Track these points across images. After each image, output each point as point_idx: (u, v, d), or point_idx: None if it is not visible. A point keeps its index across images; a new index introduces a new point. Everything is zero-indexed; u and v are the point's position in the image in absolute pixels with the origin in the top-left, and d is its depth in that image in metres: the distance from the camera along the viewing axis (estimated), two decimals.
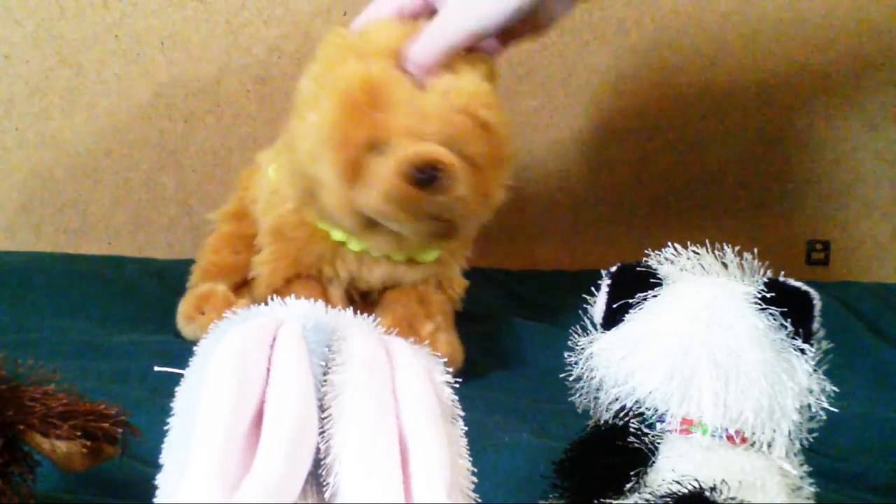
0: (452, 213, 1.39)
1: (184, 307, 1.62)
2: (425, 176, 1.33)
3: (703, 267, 1.00)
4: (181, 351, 0.79)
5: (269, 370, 0.74)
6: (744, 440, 0.92)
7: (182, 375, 0.78)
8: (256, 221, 1.65)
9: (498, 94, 1.42)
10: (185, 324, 1.61)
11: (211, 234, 1.71)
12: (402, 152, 1.34)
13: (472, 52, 1.41)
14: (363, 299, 1.60)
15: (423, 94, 1.38)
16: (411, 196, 1.35)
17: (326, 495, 0.71)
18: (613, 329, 0.97)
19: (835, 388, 0.93)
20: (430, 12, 1.40)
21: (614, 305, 0.97)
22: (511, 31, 1.42)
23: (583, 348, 0.99)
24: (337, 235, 1.52)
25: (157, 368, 0.83)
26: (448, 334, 1.57)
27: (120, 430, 0.93)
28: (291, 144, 1.45)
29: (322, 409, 0.74)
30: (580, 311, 1.01)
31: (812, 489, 0.92)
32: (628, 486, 0.87)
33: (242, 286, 1.66)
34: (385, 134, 1.36)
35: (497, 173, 1.45)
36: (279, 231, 1.57)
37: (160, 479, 0.73)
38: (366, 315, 0.85)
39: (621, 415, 0.95)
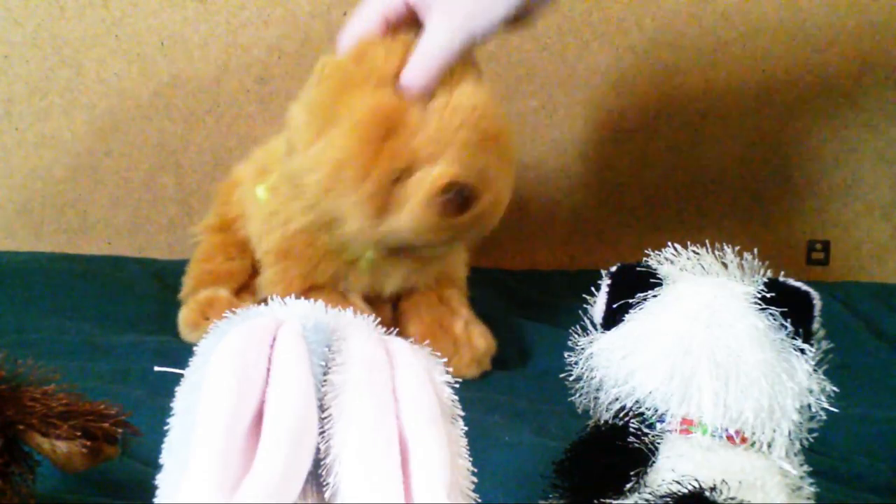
0: (479, 227, 1.41)
1: (187, 314, 1.61)
2: (452, 202, 1.36)
3: (703, 267, 1.00)
4: (181, 351, 0.79)
5: (269, 370, 0.74)
6: (744, 440, 0.92)
7: (182, 375, 0.78)
8: (239, 232, 1.67)
9: (493, 96, 1.43)
10: (189, 331, 1.60)
11: (196, 246, 1.71)
12: (428, 183, 1.36)
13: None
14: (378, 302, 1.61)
15: (428, 116, 1.38)
16: (442, 224, 1.38)
17: (326, 495, 0.71)
18: (613, 329, 0.97)
19: (835, 388, 0.93)
20: (412, 15, 1.40)
21: (614, 305, 0.97)
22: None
23: (583, 348, 0.99)
24: (349, 255, 1.52)
25: (157, 368, 0.83)
26: (479, 326, 1.60)
27: (120, 430, 0.93)
28: (295, 176, 1.45)
29: (322, 409, 0.74)
30: (580, 311, 1.01)
31: (812, 489, 0.92)
32: (628, 486, 0.88)
33: (241, 291, 1.66)
34: (405, 164, 1.37)
35: (505, 176, 1.46)
36: (287, 252, 1.57)
37: (160, 480, 0.73)
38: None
39: (621, 415, 0.95)
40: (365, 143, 1.37)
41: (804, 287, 0.95)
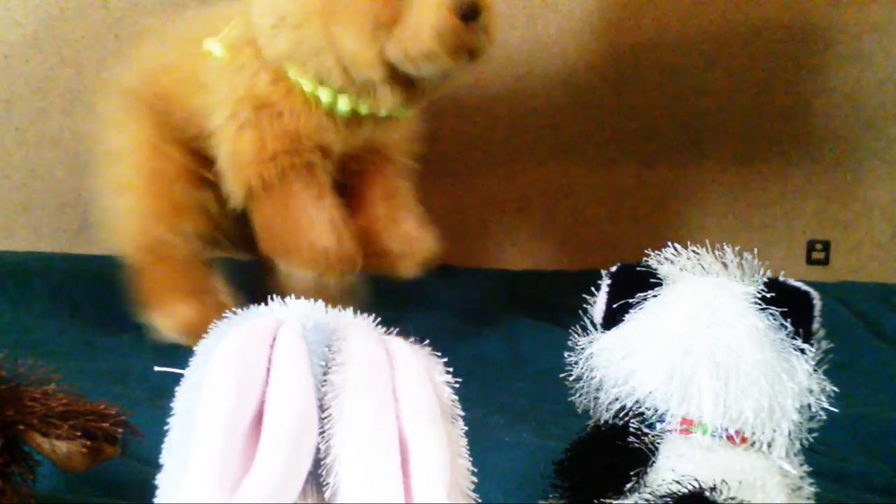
0: (483, 52, 1.45)
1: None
2: (468, 7, 1.39)
3: (703, 267, 1.00)
4: (181, 351, 0.79)
5: (269, 370, 0.74)
6: (744, 440, 0.92)
7: (182, 375, 0.78)
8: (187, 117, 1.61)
9: None
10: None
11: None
12: None
13: None
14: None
15: None
16: (459, 29, 1.40)
17: (326, 495, 0.71)
18: (613, 329, 0.97)
19: (835, 388, 0.93)
20: None
21: (614, 305, 0.97)
22: None
23: (583, 348, 0.99)
24: (325, 97, 1.50)
25: (157, 368, 0.83)
26: (428, 225, 1.61)
27: (120, 430, 0.93)
28: (274, 8, 1.46)
29: (322, 408, 0.74)
30: (580, 311, 1.01)
31: (812, 489, 0.92)
32: (628, 486, 0.88)
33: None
34: None
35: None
36: (262, 104, 1.54)
37: (160, 479, 0.73)
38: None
39: (621, 415, 0.95)
40: None
41: (804, 287, 0.95)
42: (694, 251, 1.01)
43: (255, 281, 1.61)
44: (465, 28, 1.40)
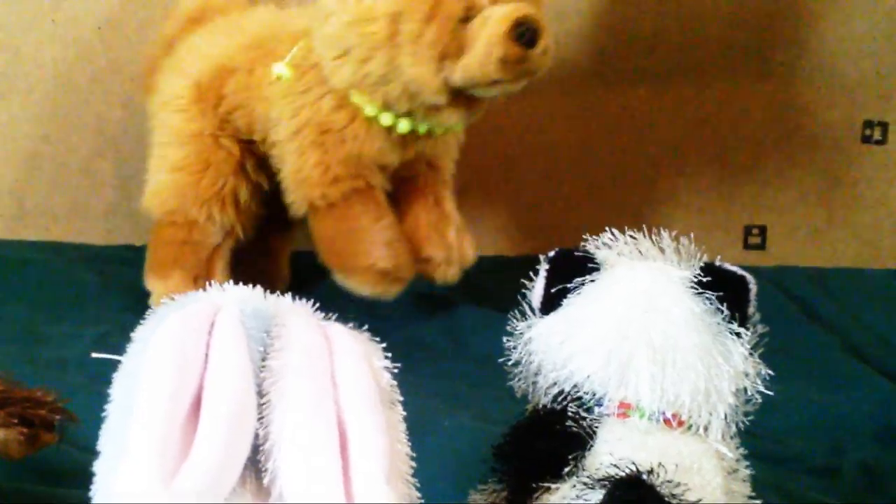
0: (545, 67, 1.52)
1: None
2: (530, 35, 1.46)
3: (640, 252, 1.00)
4: (120, 337, 0.79)
5: (207, 356, 0.74)
6: (681, 423, 0.92)
7: (120, 362, 0.77)
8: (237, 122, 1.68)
9: None
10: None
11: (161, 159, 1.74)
12: (503, 17, 1.46)
13: None
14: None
15: None
16: (520, 55, 1.47)
17: (265, 481, 0.71)
18: (552, 314, 0.98)
19: (770, 372, 0.94)
20: None
21: (552, 290, 0.98)
22: None
23: (521, 333, 0.99)
24: (386, 120, 1.54)
25: (94, 355, 0.83)
26: (467, 234, 1.72)
27: (57, 417, 0.92)
28: (339, 37, 1.51)
29: (261, 394, 0.74)
30: (519, 296, 1.01)
31: (748, 471, 0.93)
32: (566, 469, 0.88)
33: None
34: (475, 2, 1.47)
35: (549, 22, 1.54)
36: (326, 129, 1.59)
37: (98, 466, 0.73)
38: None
39: (559, 399, 0.95)
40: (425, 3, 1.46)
41: (740, 271, 0.96)
42: (631, 236, 1.01)
43: (260, 274, 1.62)
44: (528, 54, 1.47)
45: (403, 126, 1.55)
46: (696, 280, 0.94)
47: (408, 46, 1.47)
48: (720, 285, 0.94)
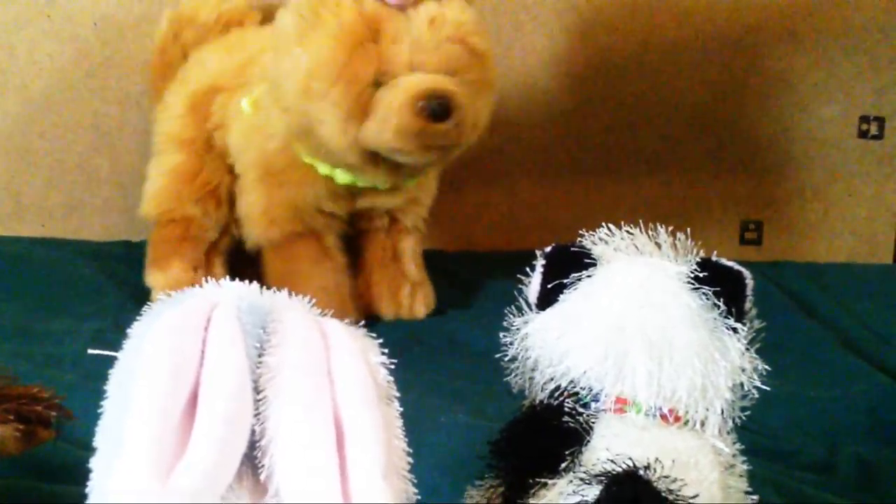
0: (458, 141, 1.44)
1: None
2: (435, 108, 1.41)
3: (636, 247, 1.00)
4: (116, 334, 0.79)
5: (203, 352, 0.74)
6: (677, 419, 0.92)
7: (116, 358, 0.77)
8: (216, 142, 1.70)
9: (481, 19, 1.50)
10: None
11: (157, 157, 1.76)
12: (409, 87, 1.42)
13: None
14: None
15: (413, 24, 1.42)
16: (423, 129, 1.42)
17: (262, 477, 0.71)
18: (548, 309, 0.98)
19: (767, 367, 0.94)
20: None
21: (549, 286, 0.98)
22: None
23: (518, 329, 0.99)
24: (323, 170, 1.54)
25: (90, 351, 0.83)
26: (424, 289, 1.71)
27: (53, 414, 0.92)
28: (276, 81, 1.49)
29: (257, 390, 0.74)
30: (516, 292, 1.01)
31: (745, 467, 0.93)
32: (563, 465, 0.88)
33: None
34: (388, 68, 1.43)
35: (486, 98, 1.49)
36: (268, 170, 1.60)
37: (94, 463, 0.73)
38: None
39: (556, 395, 0.95)
40: (342, 47, 1.43)
41: (737, 267, 0.96)
42: (628, 231, 1.01)
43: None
44: (429, 127, 1.42)
45: (342, 177, 1.55)
46: (692, 275, 0.94)
47: (316, 104, 1.46)
48: (717, 280, 0.94)
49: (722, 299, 0.93)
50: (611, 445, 0.88)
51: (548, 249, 1.00)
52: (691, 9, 2.10)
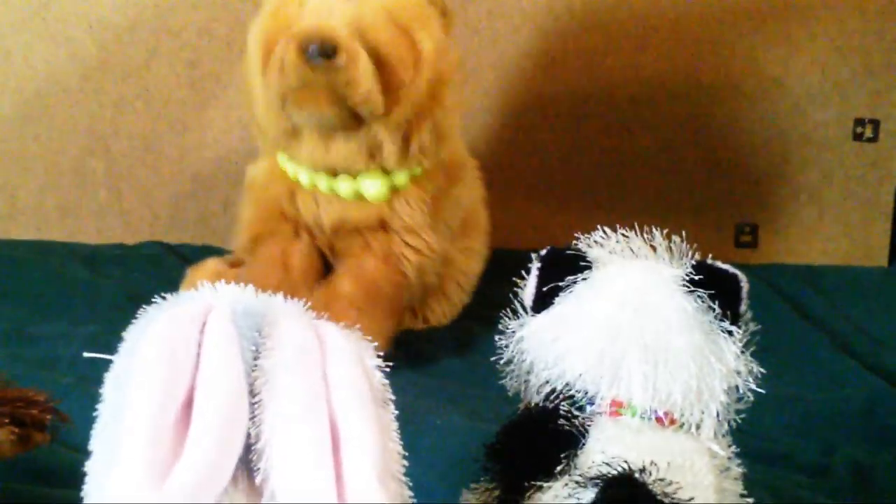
0: (351, 98, 1.42)
1: None
2: (315, 49, 1.39)
3: (632, 250, 1.00)
4: (111, 337, 0.79)
5: (199, 355, 0.74)
6: (672, 422, 0.93)
7: (111, 362, 0.77)
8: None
9: (433, 19, 1.50)
10: None
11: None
12: (296, 31, 1.42)
13: None
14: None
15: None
16: (303, 70, 1.40)
17: (257, 480, 0.71)
18: (544, 312, 0.98)
19: (762, 370, 0.94)
20: None
21: (544, 289, 0.98)
22: None
23: (513, 332, 0.99)
24: (290, 171, 1.56)
25: (86, 354, 0.83)
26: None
27: (49, 417, 0.92)
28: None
29: (252, 394, 0.74)
30: (511, 295, 1.01)
31: (740, 470, 0.93)
32: (559, 468, 0.88)
33: None
34: (295, 26, 1.44)
35: (415, 82, 1.46)
36: (250, 186, 1.64)
37: (90, 466, 0.73)
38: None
39: (552, 398, 0.95)
40: (274, 16, 1.48)
41: (732, 270, 0.96)
42: (623, 234, 1.01)
43: None
44: (311, 67, 1.40)
45: (304, 179, 1.55)
46: (687, 278, 0.94)
47: (250, 80, 1.51)
48: (712, 283, 0.94)
49: (717, 302, 0.93)
50: (606, 448, 0.88)
51: (543, 252, 1.00)
52: (686, 12, 2.10)
